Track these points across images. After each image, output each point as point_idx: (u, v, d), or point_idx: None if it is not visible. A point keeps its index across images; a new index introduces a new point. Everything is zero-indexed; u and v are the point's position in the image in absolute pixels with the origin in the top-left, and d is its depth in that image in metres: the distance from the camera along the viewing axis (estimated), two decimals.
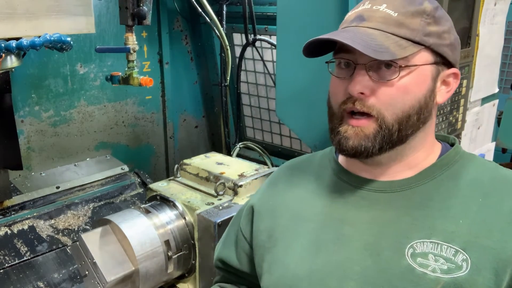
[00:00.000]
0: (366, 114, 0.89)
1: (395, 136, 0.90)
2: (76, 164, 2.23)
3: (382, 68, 0.87)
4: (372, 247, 0.90)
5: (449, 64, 0.94)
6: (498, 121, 2.77)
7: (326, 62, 0.96)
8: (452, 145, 1.01)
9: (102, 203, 2.07)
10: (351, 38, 0.85)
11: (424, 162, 0.96)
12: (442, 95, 0.95)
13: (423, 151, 0.96)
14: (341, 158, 1.06)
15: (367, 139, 0.89)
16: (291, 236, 1.00)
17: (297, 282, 0.95)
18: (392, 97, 0.88)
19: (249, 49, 2.44)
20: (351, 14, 0.94)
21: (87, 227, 1.96)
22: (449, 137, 1.04)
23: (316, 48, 0.94)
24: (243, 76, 2.60)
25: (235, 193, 1.70)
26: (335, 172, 1.04)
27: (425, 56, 0.89)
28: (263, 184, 1.19)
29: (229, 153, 2.51)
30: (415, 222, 0.89)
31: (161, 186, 1.82)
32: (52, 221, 1.90)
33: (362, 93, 0.88)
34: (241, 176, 1.77)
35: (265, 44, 2.37)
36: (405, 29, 0.87)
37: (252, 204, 1.13)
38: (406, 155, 0.95)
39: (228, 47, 2.40)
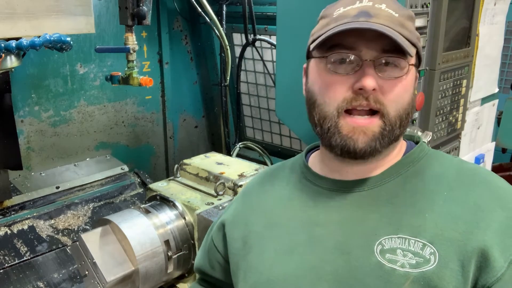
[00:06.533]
0: (371, 112, 0.89)
1: (397, 133, 0.91)
2: (76, 164, 2.23)
3: (387, 65, 0.88)
4: (342, 247, 0.90)
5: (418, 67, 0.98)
6: (498, 121, 2.77)
7: (325, 57, 0.91)
8: (417, 143, 1.03)
9: (102, 203, 2.07)
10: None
11: (391, 159, 0.97)
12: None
13: (397, 148, 0.98)
14: (311, 162, 1.07)
15: (375, 139, 0.89)
16: (264, 242, 1.00)
17: (271, 287, 0.94)
18: (397, 94, 0.89)
19: (249, 49, 2.44)
20: (349, 10, 0.91)
21: (87, 227, 1.96)
22: (414, 135, 1.06)
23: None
24: (243, 76, 2.60)
25: (235, 193, 1.70)
26: (304, 176, 1.04)
27: (414, 58, 0.94)
28: (236, 197, 1.20)
29: (229, 153, 2.51)
30: (382, 219, 0.90)
31: (161, 186, 1.82)
32: (52, 221, 1.90)
33: (373, 89, 0.87)
34: (241, 176, 1.77)
35: (265, 44, 2.37)
36: (406, 30, 0.89)
37: (224, 219, 1.13)
38: (388, 153, 0.96)
39: (228, 47, 2.40)
